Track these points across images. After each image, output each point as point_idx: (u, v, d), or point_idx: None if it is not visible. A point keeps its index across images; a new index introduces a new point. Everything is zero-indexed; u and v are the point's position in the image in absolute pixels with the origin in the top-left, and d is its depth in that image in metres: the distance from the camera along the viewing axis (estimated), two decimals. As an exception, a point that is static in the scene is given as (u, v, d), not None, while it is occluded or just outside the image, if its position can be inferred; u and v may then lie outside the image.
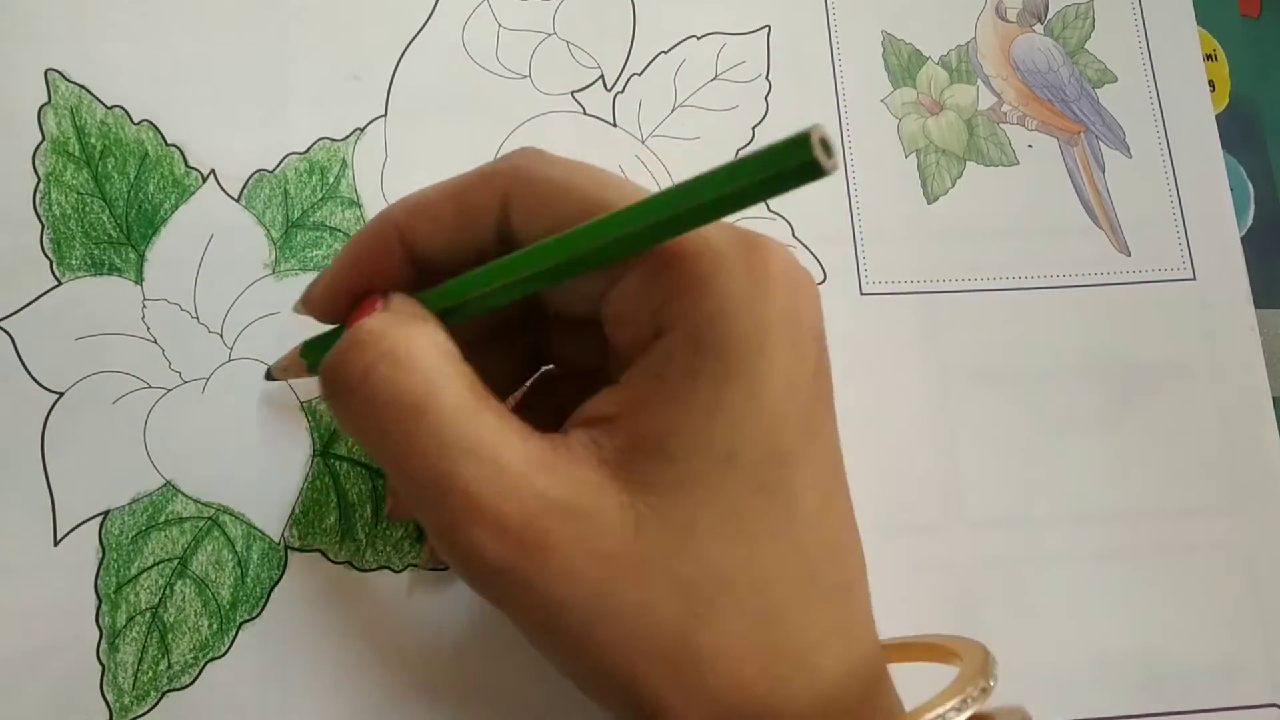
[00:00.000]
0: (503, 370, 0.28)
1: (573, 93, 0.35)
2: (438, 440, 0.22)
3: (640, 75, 0.36)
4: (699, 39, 0.37)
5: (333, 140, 0.34)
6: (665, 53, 0.36)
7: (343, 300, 0.26)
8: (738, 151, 0.36)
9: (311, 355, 0.28)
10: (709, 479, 0.22)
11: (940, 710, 0.22)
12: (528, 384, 0.30)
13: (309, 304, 0.27)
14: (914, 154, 0.37)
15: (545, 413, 0.25)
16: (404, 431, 0.22)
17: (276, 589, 0.30)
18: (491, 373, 0.26)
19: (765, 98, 0.36)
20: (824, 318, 0.24)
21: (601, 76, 0.36)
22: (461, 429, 0.22)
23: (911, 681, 0.25)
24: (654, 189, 0.22)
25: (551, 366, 0.30)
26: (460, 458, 0.22)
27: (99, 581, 0.29)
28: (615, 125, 0.35)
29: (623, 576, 0.22)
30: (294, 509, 0.31)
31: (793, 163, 0.20)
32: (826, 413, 0.24)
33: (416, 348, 0.23)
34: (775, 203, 0.35)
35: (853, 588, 0.24)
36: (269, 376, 0.31)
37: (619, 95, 0.36)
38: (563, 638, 0.22)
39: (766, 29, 0.37)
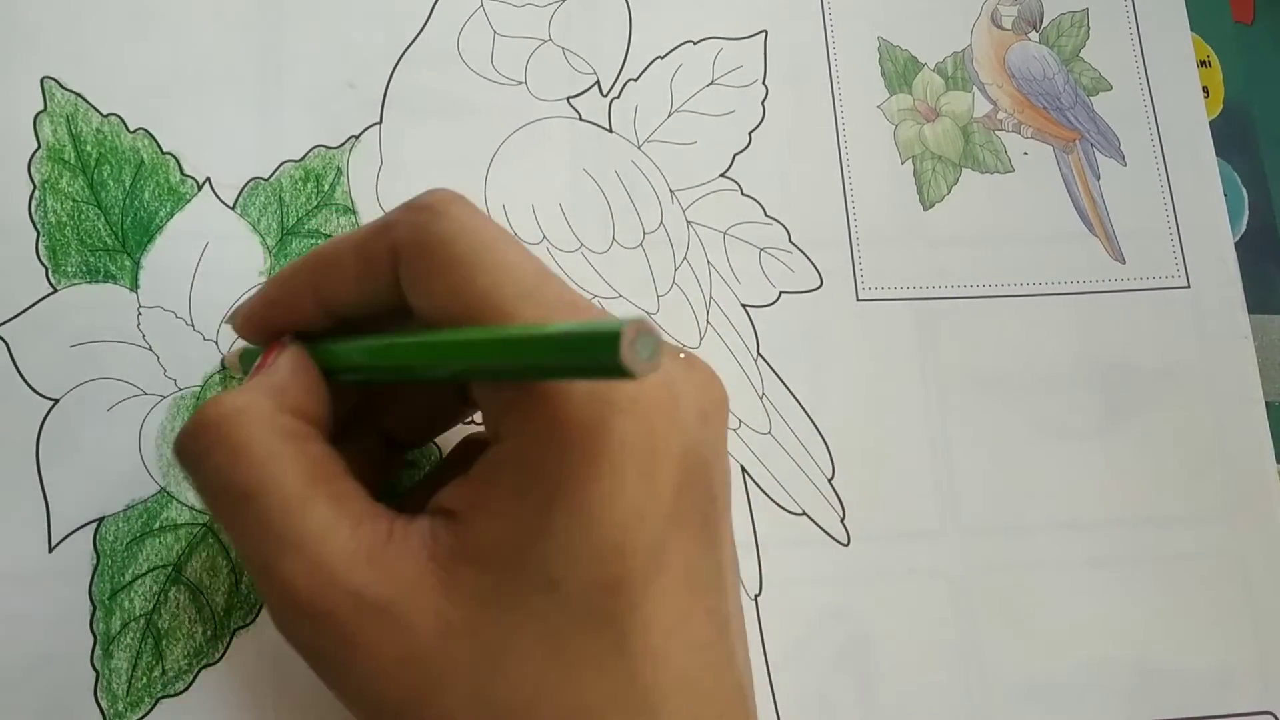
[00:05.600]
0: (435, 407, 0.28)
1: (568, 98, 0.35)
2: (261, 531, 0.22)
3: (636, 80, 0.36)
4: (695, 44, 0.37)
5: (328, 148, 0.34)
6: (661, 58, 0.36)
7: (258, 334, 0.27)
8: (734, 157, 0.36)
9: (245, 363, 0.29)
10: (528, 602, 0.21)
11: None
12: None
13: (234, 327, 0.28)
14: (910, 160, 0.37)
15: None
16: (234, 517, 0.23)
17: (271, 595, 0.30)
18: (424, 409, 0.28)
19: (762, 103, 0.36)
20: (717, 433, 0.23)
21: (597, 82, 0.36)
22: (285, 521, 0.22)
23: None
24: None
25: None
26: (282, 550, 0.22)
27: (93, 588, 0.29)
28: (611, 131, 0.35)
29: (430, 684, 0.21)
30: (288, 515, 0.31)
31: (597, 357, 0.17)
32: (690, 538, 0.22)
33: (251, 437, 0.23)
34: (773, 207, 0.35)
35: None
36: (223, 366, 0.31)
37: (615, 101, 0.36)
38: None
39: (763, 34, 0.37)
